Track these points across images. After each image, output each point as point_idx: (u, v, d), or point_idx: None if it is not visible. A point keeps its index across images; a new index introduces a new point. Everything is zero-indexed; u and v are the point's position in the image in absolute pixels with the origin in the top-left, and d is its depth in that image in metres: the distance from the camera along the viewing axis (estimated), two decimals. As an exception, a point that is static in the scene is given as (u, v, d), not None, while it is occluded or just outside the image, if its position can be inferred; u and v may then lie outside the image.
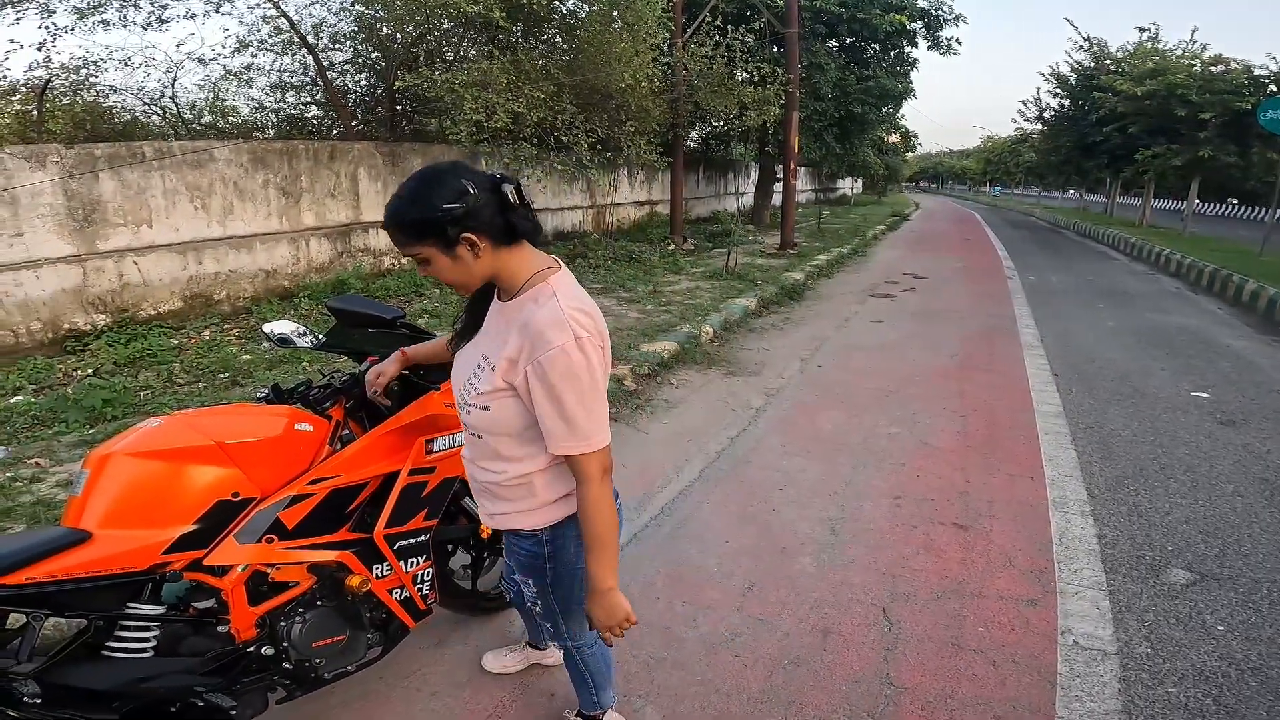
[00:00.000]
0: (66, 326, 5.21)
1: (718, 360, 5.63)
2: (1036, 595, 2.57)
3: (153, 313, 5.72)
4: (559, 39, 9.32)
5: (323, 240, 7.11)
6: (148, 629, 1.50)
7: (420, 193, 1.18)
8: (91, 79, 8.15)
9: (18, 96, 7.66)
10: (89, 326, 5.32)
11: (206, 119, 9.41)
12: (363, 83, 10.01)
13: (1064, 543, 2.95)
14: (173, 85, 8.99)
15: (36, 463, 3.24)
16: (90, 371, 4.68)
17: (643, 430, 4.15)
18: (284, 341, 1.86)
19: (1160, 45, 18.84)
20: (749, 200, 19.03)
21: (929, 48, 16.49)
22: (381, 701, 2.01)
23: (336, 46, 9.43)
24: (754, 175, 18.99)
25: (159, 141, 6.33)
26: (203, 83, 11.96)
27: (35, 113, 7.41)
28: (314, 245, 7.02)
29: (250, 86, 9.64)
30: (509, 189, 1.20)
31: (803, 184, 22.92)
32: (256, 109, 9.95)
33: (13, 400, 4.13)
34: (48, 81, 7.49)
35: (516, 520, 1.42)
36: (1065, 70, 21.46)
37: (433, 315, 6.45)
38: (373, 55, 9.49)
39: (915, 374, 5.42)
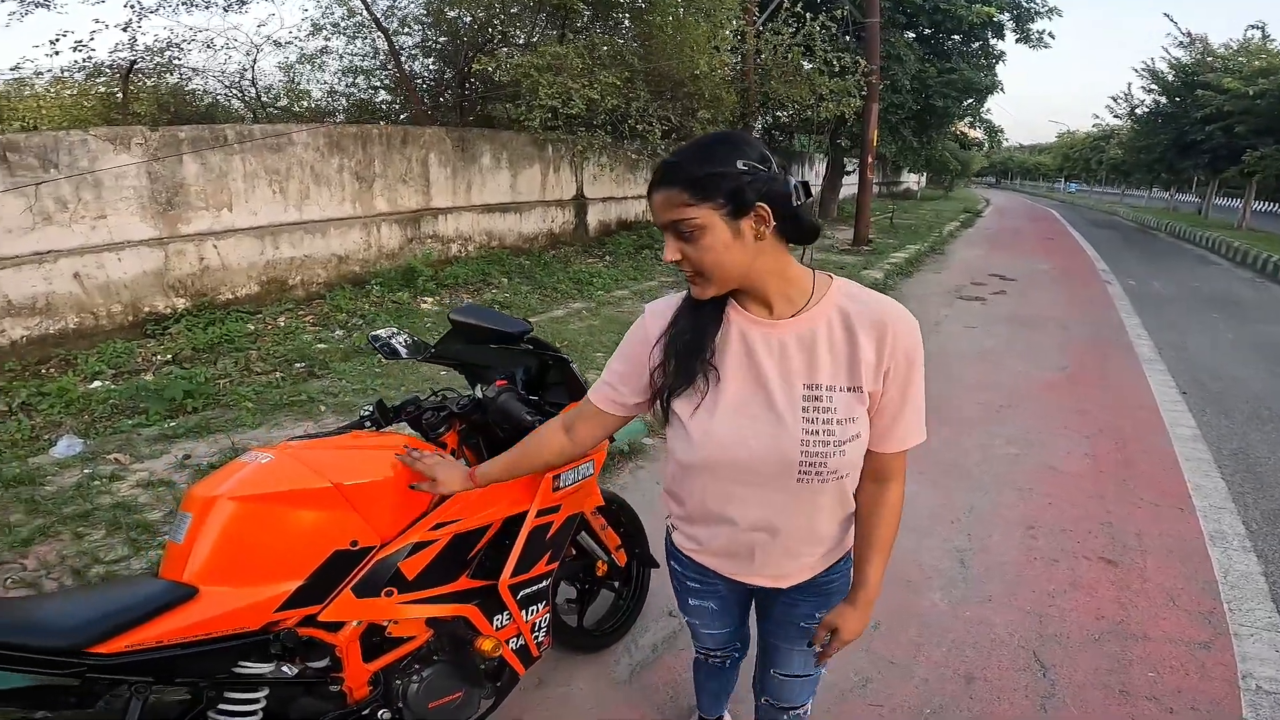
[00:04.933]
0: (147, 309, 5.21)
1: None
2: (1208, 638, 2.34)
3: (230, 297, 5.70)
4: (628, 23, 9.06)
5: (394, 226, 7.02)
6: (256, 691, 1.32)
7: (716, 149, 0.98)
8: (175, 61, 8.26)
9: (103, 78, 7.80)
10: (169, 310, 5.31)
11: (283, 103, 9.48)
12: (430, 67, 9.95)
13: (1229, 581, 2.68)
14: (252, 68, 9.09)
15: (116, 459, 3.14)
16: (169, 357, 4.64)
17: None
18: (391, 352, 1.65)
19: (1271, 44, 17.61)
20: (815, 193, 18.42)
21: (1017, 40, 15.69)
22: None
23: (406, 31, 9.37)
24: (819, 168, 18.46)
25: (240, 124, 6.32)
26: (279, 65, 12.14)
27: (120, 95, 7.53)
28: (385, 231, 6.94)
29: (323, 70, 9.69)
30: (796, 184, 1.00)
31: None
32: (328, 93, 10.00)
33: (92, 386, 4.10)
34: (133, 63, 7.61)
35: (838, 551, 1.22)
36: (1162, 66, 20.46)
37: (503, 306, 6.28)
38: (440, 40, 9.40)
39: (1023, 387, 4.97)
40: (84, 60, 7.47)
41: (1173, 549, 2.88)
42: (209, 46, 10.64)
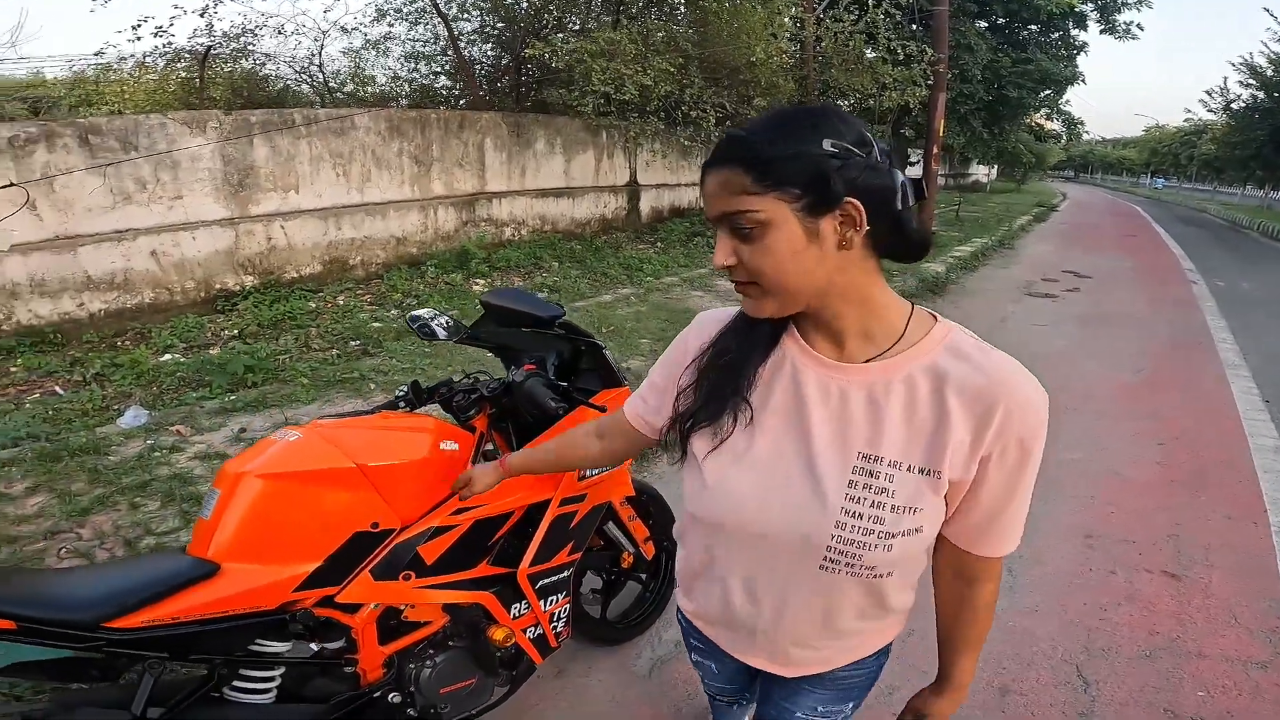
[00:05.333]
0: (218, 286, 5.47)
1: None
2: (1268, 657, 2.21)
3: (295, 276, 5.93)
4: (683, 9, 8.96)
5: (449, 209, 7.16)
6: (273, 669, 1.34)
7: (799, 122, 0.74)
8: (249, 46, 8.61)
9: (182, 63, 8.19)
10: (238, 287, 5.56)
11: (349, 88, 9.77)
12: (489, 53, 10.08)
13: (1299, 600, 2.49)
14: (319, 53, 9.40)
15: (178, 430, 3.29)
16: (236, 332, 4.86)
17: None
18: (428, 333, 1.66)
19: None
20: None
21: (1101, 31, 14.89)
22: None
23: (465, 16, 9.51)
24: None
25: (307, 109, 6.55)
26: (345, 51, 12.50)
27: (197, 80, 7.89)
28: (441, 214, 7.08)
29: (387, 56, 9.93)
30: (905, 181, 0.76)
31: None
32: (392, 78, 10.25)
33: (163, 358, 4.32)
34: (209, 48, 7.95)
35: (868, 646, 0.98)
36: (1260, 61, 19.49)
37: (552, 290, 6.33)
38: (498, 25, 9.50)
39: (1094, 389, 4.70)
40: (164, 46, 7.86)
41: (1241, 565, 2.70)
42: (280, 32, 11.05)
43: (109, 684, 1.25)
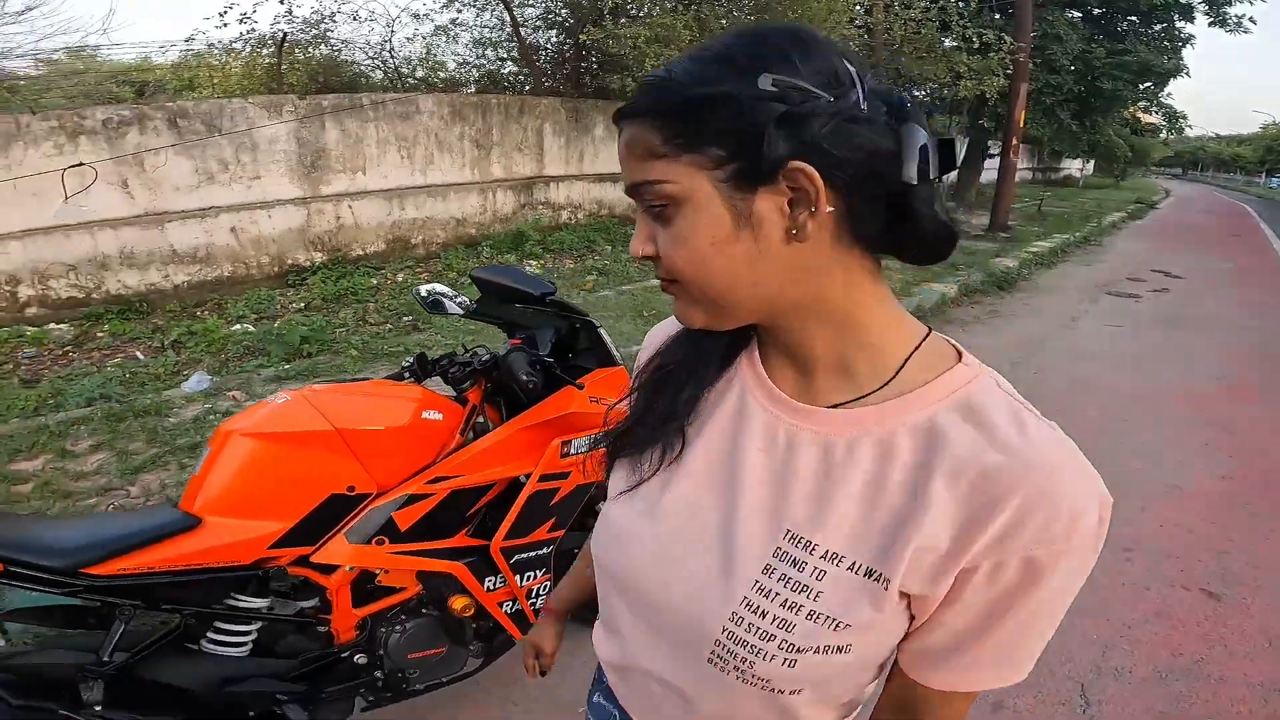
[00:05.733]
0: (289, 262, 5.81)
1: (903, 352, 4.98)
2: None
3: (360, 253, 6.23)
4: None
5: (508, 192, 7.34)
6: (249, 624, 1.41)
7: (728, 55, 0.51)
8: (327, 32, 9.04)
9: (266, 49, 8.67)
10: (308, 263, 5.89)
11: (419, 74, 10.12)
12: (552, 39, 10.20)
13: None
14: (390, 40, 9.76)
15: (234, 396, 3.52)
16: (303, 305, 5.17)
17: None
18: (436, 306, 1.71)
19: None
20: (952, 176, 17.23)
21: (1211, 24, 13.74)
22: (470, 706, 1.87)
23: (529, 3, 9.64)
24: (960, 149, 17.15)
25: (375, 93, 6.84)
26: (413, 37, 12.89)
27: (277, 65, 8.34)
28: (500, 196, 7.27)
29: (456, 42, 10.20)
30: (927, 141, 0.50)
31: (1021, 162, 20.38)
32: (460, 64, 10.53)
33: (234, 328, 4.65)
34: (285, 35, 8.39)
35: None
36: None
37: (601, 273, 6.40)
38: (561, 11, 9.59)
39: (1165, 397, 4.40)
40: (247, 32, 8.35)
41: (1293, 589, 2.50)
42: (355, 18, 11.50)
43: (87, 631, 1.34)
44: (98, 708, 1.26)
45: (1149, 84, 14.63)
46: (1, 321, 4.54)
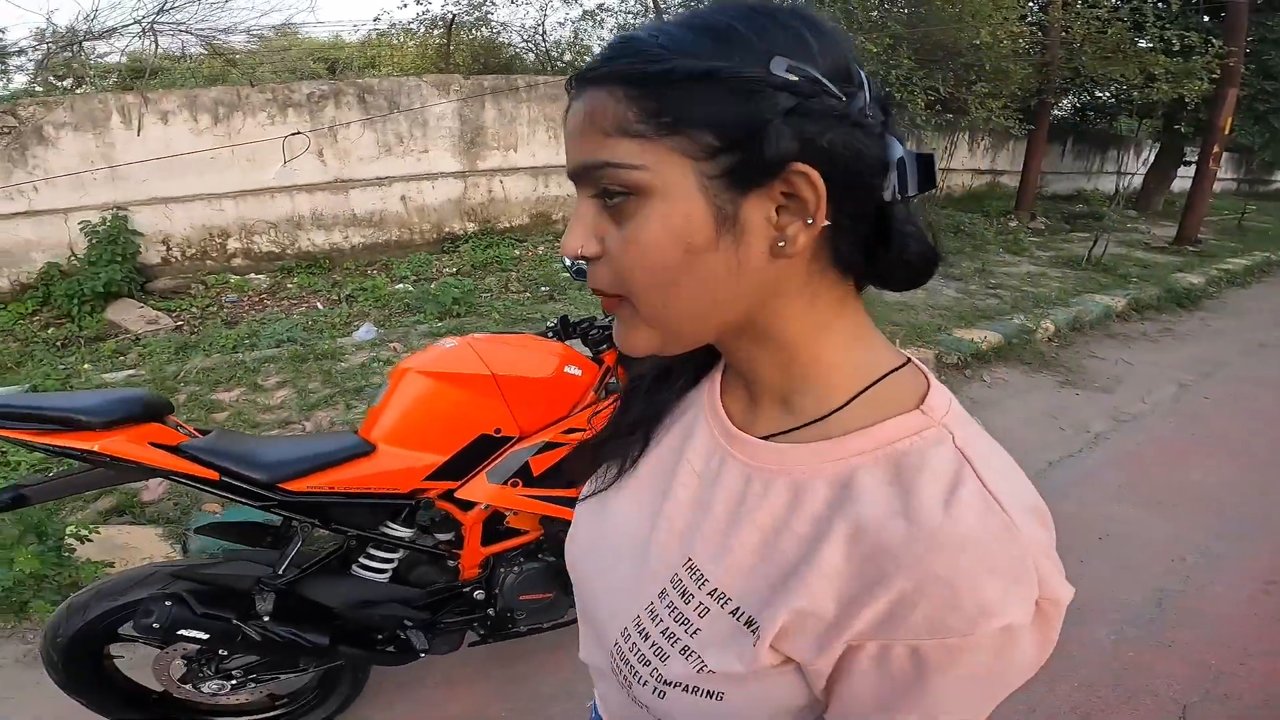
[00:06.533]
0: (446, 230, 6.32)
1: (1053, 364, 4.63)
2: None
3: (506, 226, 6.65)
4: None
5: (648, 178, 7.51)
6: (393, 552, 1.53)
7: (731, 24, 0.43)
8: (488, 14, 9.62)
9: (439, 30, 9.36)
10: (461, 232, 6.38)
11: (568, 57, 10.54)
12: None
13: None
14: (542, 23, 10.23)
15: (394, 347, 3.93)
16: (454, 270, 5.63)
17: (936, 425, 3.61)
18: (580, 274, 1.86)
19: None
20: (1134, 183, 15.48)
21: None
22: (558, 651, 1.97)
23: (671, -12, 9.72)
24: (1147, 155, 15.40)
25: (529, 75, 7.22)
26: (564, 22, 13.38)
27: (446, 45, 9.00)
28: (640, 181, 7.45)
29: (601, 27, 10.49)
30: (906, 153, 0.45)
31: (1224, 172, 17.86)
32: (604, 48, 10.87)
33: (397, 287, 5.15)
34: (454, 17, 9.02)
35: None
36: None
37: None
38: None
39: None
40: (422, 13, 9.06)
41: None
42: (513, 1, 12.09)
43: (259, 550, 1.53)
44: (266, 619, 1.41)
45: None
46: (211, 269, 5.31)
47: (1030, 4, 8.85)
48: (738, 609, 0.49)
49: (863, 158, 0.43)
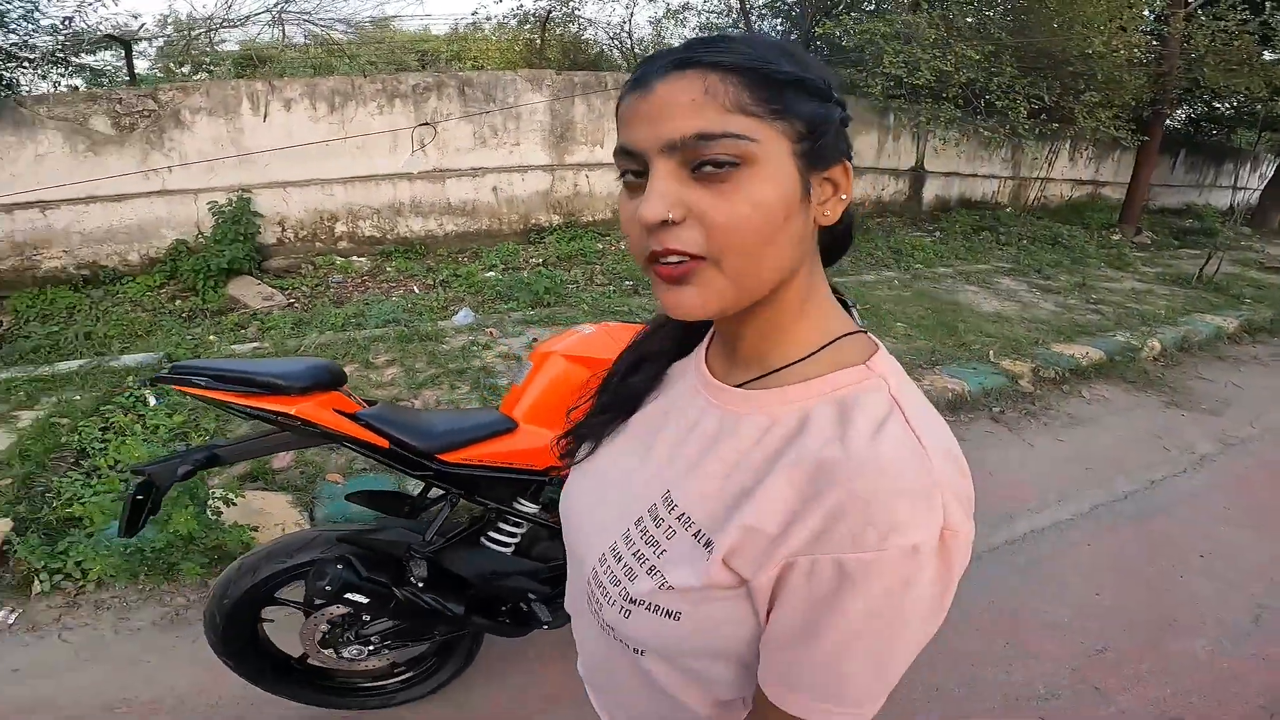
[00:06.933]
0: (533, 221, 6.50)
1: (1159, 383, 4.42)
2: None
3: (590, 219, 6.79)
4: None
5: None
6: (519, 527, 1.58)
7: (788, 52, 0.54)
8: (576, 11, 9.78)
9: (528, 25, 9.59)
10: (547, 224, 6.54)
11: (650, 54, 10.64)
12: (779, 28, 10.12)
13: None
14: (629, 20, 10.35)
15: (490, 332, 4.10)
16: (540, 261, 5.79)
17: (1028, 441, 3.52)
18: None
19: None
20: (1251, 199, 14.45)
21: None
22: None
23: (758, -10, 9.65)
24: (1265, 169, 14.36)
25: (616, 73, 7.32)
26: (649, 19, 13.48)
27: (540, 40, 9.20)
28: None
29: (684, 26, 10.51)
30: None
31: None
32: (687, 47, 10.93)
33: (487, 274, 5.35)
34: (549, 13, 9.20)
35: None
36: None
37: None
38: (789, 1, 9.47)
39: None
40: (516, 8, 9.29)
41: None
42: (601, -1, 12.22)
43: (405, 520, 1.62)
44: (420, 584, 1.47)
45: None
46: (319, 251, 5.63)
47: (1146, 13, 8.42)
48: (699, 530, 0.57)
49: (844, 153, 0.57)
